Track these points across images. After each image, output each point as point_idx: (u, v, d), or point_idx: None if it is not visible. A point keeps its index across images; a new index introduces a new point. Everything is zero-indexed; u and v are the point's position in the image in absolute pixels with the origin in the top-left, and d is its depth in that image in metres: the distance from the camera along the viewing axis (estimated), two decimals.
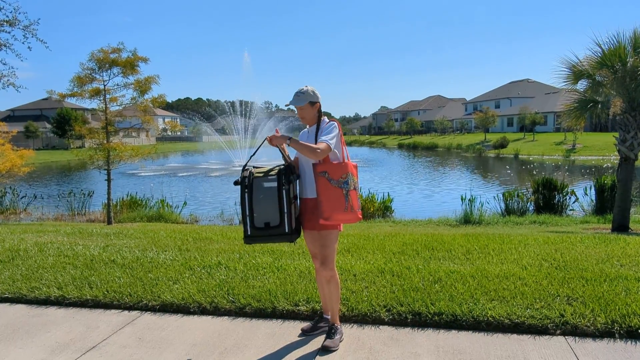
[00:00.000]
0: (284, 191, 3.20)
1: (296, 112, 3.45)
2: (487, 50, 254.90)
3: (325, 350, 3.28)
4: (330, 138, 3.28)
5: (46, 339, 3.58)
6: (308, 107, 3.37)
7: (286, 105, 3.43)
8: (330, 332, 3.39)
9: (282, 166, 3.33)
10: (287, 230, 3.20)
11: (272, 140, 3.23)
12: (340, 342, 3.39)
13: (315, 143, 3.29)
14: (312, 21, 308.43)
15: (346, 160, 3.36)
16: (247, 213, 3.21)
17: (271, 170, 3.30)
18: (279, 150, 3.39)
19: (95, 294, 4.31)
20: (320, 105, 3.43)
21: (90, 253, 5.74)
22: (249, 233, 3.24)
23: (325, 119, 3.45)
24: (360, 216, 3.35)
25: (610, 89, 9.17)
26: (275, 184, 3.22)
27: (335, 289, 3.40)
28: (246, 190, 3.21)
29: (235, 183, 3.27)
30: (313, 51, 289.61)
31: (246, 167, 3.33)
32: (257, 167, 3.39)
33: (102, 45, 11.34)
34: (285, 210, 3.19)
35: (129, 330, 3.71)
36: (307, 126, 3.52)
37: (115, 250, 5.90)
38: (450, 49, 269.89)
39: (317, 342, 3.43)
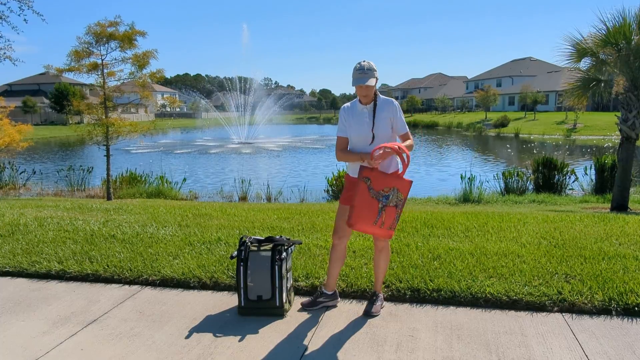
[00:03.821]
0: (276, 267, 3.39)
1: (356, 91, 3.22)
2: (490, 28, 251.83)
3: (367, 315, 3.44)
4: (405, 125, 3.28)
5: (48, 312, 3.61)
6: (373, 86, 3.16)
7: (354, 85, 3.17)
8: (372, 299, 3.54)
9: (278, 240, 3.51)
10: (277, 304, 3.42)
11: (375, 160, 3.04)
12: (382, 308, 3.56)
13: (373, 123, 3.19)
14: None
15: (400, 172, 3.13)
16: (242, 285, 3.42)
17: (267, 244, 3.50)
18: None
19: (96, 268, 4.33)
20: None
21: (90, 228, 5.75)
22: (242, 305, 3.46)
23: (380, 97, 3.28)
24: (392, 234, 3.17)
25: (614, 67, 9.06)
26: (269, 257, 3.41)
27: (386, 259, 3.51)
28: (242, 263, 3.41)
29: (232, 257, 3.46)
30: (312, 28, 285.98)
31: (243, 239, 3.51)
32: (254, 239, 3.56)
33: (99, 19, 11.14)
34: (277, 285, 3.40)
35: (129, 304, 3.74)
36: (358, 101, 3.29)
37: (115, 226, 5.91)
38: (452, 27, 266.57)
39: (316, 316, 3.46)
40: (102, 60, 11.23)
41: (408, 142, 3.22)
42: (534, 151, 24.74)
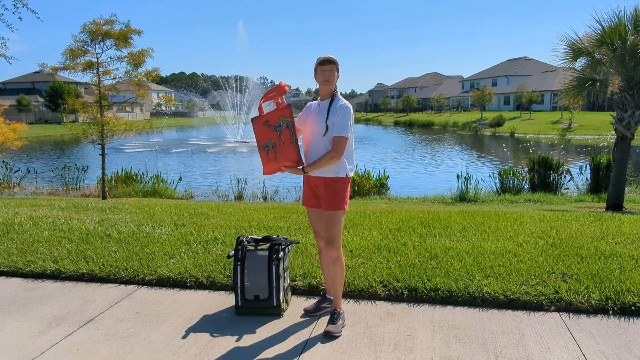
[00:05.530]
0: (273, 266, 3.38)
1: (325, 75, 3.18)
2: (485, 28, 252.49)
3: (328, 336, 3.15)
4: (344, 129, 3.13)
5: (43, 312, 3.58)
6: (335, 72, 3.20)
7: (323, 58, 3.16)
8: (333, 317, 3.26)
9: (275, 240, 3.49)
10: (275, 304, 3.42)
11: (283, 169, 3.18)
12: (343, 327, 3.26)
13: (327, 118, 3.15)
14: None
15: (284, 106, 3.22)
16: (239, 285, 3.41)
17: (264, 243, 3.48)
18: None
19: (92, 267, 4.30)
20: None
21: (86, 227, 5.72)
22: (239, 304, 3.46)
23: (339, 96, 3.24)
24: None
25: (609, 67, 9.09)
26: (266, 257, 3.39)
27: (340, 271, 3.26)
28: (239, 262, 3.40)
29: (229, 256, 3.45)
30: (309, 26, 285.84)
31: (240, 239, 3.50)
32: (251, 238, 3.55)
33: (95, 17, 11.08)
34: (274, 285, 3.40)
35: (125, 304, 3.72)
36: (318, 99, 3.31)
37: (110, 225, 5.88)
38: (449, 27, 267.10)
39: (313, 316, 3.45)
40: (98, 58, 11.17)
41: (327, 153, 3.14)
42: (530, 150, 24.83)
